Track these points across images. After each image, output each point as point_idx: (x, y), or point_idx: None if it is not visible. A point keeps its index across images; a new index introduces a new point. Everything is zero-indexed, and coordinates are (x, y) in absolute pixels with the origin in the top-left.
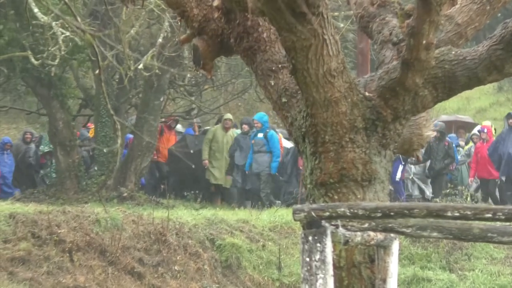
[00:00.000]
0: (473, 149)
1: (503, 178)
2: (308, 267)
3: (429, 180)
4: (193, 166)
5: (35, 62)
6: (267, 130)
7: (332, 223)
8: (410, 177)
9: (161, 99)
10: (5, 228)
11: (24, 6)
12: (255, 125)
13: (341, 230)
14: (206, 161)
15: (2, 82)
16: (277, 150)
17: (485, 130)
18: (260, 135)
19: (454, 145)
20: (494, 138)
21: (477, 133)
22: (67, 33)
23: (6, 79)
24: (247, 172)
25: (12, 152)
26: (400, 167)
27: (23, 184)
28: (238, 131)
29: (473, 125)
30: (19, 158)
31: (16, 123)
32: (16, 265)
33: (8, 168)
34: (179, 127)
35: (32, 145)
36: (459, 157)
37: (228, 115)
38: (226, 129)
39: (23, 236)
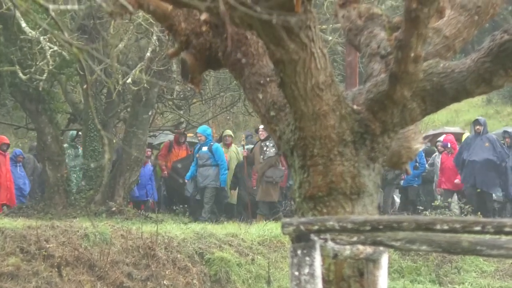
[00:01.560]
0: (437, 158)
1: (467, 186)
2: (297, 281)
3: (397, 190)
4: (181, 181)
5: (23, 77)
6: (211, 143)
7: (321, 236)
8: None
9: (150, 113)
10: None
11: (12, 21)
12: (199, 138)
13: (330, 243)
14: None
15: None
16: (223, 162)
17: (449, 145)
18: (205, 148)
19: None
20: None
21: (442, 141)
22: (55, 48)
23: None
24: (186, 181)
25: (24, 164)
26: None
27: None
28: (240, 148)
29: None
30: (38, 172)
31: None
32: (5, 281)
33: (23, 180)
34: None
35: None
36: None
37: (228, 131)
38: (227, 146)
39: (12, 251)
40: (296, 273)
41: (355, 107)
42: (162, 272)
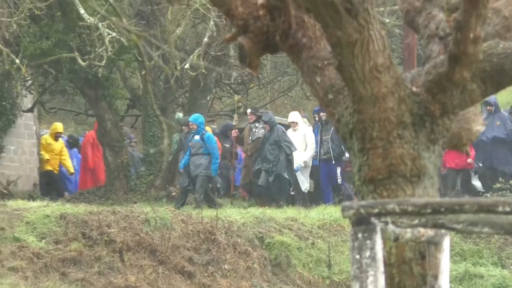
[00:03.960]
0: None
1: (480, 164)
2: (359, 265)
3: None
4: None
5: (82, 63)
6: (203, 132)
7: (382, 219)
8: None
9: (208, 98)
10: (56, 229)
11: (70, 8)
12: (191, 127)
13: (390, 226)
14: None
15: (51, 83)
16: (215, 151)
17: None
18: (197, 137)
19: None
20: None
21: None
22: (114, 34)
23: (54, 81)
24: (181, 170)
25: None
26: (338, 170)
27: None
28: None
29: None
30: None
31: (65, 124)
32: (68, 266)
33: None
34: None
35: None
36: None
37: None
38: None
39: (74, 237)
40: (357, 256)
41: (414, 89)
42: (223, 256)
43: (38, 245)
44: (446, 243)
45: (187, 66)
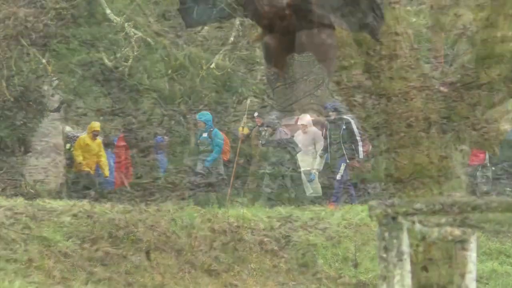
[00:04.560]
0: None
1: (493, 168)
2: (385, 264)
3: None
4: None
5: (109, 63)
6: (211, 129)
7: (409, 219)
8: None
9: (234, 97)
10: (83, 228)
11: (97, 8)
12: (198, 124)
13: (417, 225)
14: None
15: (77, 83)
16: (217, 147)
17: None
18: (205, 134)
19: None
20: None
21: None
22: (140, 34)
23: (81, 81)
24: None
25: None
26: (343, 166)
27: None
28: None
29: None
30: None
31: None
32: (95, 265)
33: (163, 168)
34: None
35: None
36: None
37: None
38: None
39: (101, 236)
40: (384, 255)
41: (441, 88)
42: (249, 255)
43: (65, 244)
44: (473, 242)
45: (212, 66)
